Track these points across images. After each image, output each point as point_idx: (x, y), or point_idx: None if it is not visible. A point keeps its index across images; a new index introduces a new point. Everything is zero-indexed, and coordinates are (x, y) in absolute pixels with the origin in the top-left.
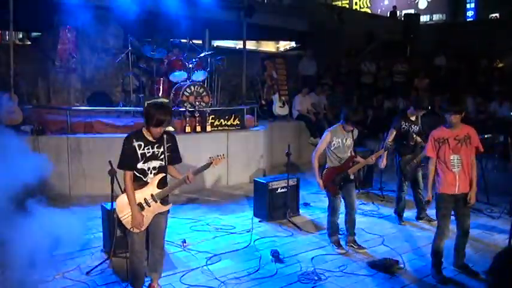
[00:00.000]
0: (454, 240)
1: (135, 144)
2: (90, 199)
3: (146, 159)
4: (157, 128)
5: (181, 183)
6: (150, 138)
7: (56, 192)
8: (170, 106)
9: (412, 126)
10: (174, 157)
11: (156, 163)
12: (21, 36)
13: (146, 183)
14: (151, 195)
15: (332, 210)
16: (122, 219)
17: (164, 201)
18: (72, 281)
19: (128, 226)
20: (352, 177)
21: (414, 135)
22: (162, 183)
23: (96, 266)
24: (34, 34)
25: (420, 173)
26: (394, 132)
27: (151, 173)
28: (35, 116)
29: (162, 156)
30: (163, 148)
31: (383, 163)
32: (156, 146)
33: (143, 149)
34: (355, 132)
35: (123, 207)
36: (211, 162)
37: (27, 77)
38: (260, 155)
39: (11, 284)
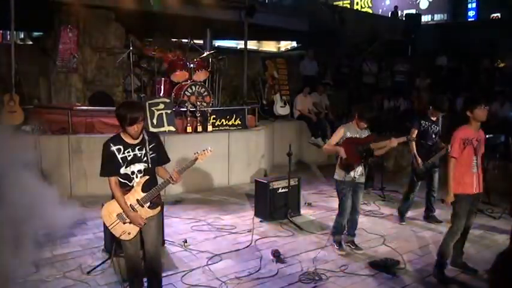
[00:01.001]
0: None
1: (114, 148)
2: (91, 199)
3: (128, 163)
4: (133, 127)
5: (166, 184)
6: (130, 141)
7: (57, 192)
8: (141, 103)
9: (432, 126)
10: (160, 157)
11: (140, 166)
12: (22, 36)
13: (132, 187)
14: (137, 200)
15: (342, 211)
16: (110, 228)
17: (153, 204)
18: (73, 280)
19: (117, 235)
20: (375, 153)
21: (434, 135)
22: (148, 187)
23: (97, 266)
24: (35, 34)
25: (437, 173)
26: (416, 131)
27: (136, 177)
28: (36, 115)
29: (146, 158)
30: (146, 150)
31: (418, 161)
32: (137, 148)
33: (123, 153)
34: (368, 132)
35: (109, 217)
36: (197, 158)
37: (29, 77)
38: (261, 154)
39: None
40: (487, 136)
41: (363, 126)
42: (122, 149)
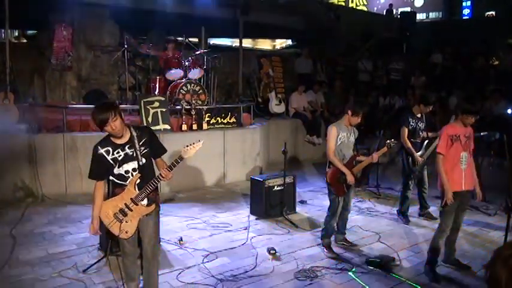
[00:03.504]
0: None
1: (102, 151)
2: (87, 198)
3: (120, 163)
4: (107, 127)
5: (158, 181)
6: (118, 141)
7: (52, 190)
8: (110, 102)
9: (419, 124)
10: (155, 150)
11: (133, 164)
12: (16, 34)
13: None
14: (131, 199)
15: (332, 212)
16: (108, 227)
17: (149, 201)
18: (68, 279)
19: (115, 233)
20: (356, 176)
21: (421, 133)
22: (142, 184)
23: (93, 264)
24: (30, 32)
25: (426, 171)
26: (406, 130)
27: (132, 175)
28: (31, 114)
29: (138, 155)
30: (137, 146)
31: (419, 160)
32: (127, 147)
33: (113, 154)
34: (356, 131)
35: (106, 217)
36: (185, 152)
37: (23, 75)
38: (257, 152)
39: None
40: (481, 134)
41: (355, 122)
42: (111, 150)
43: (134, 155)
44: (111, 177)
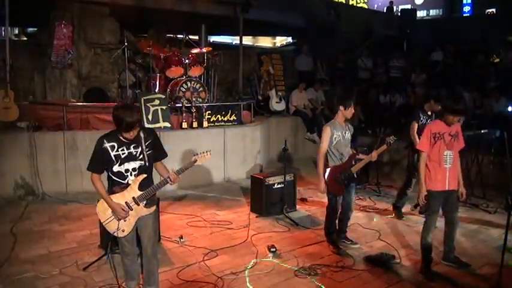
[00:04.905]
0: (443, 234)
1: (107, 145)
2: (87, 195)
3: (122, 161)
4: (129, 132)
5: (164, 183)
6: (125, 139)
7: (52, 188)
8: (137, 107)
9: (429, 121)
10: (157, 153)
11: (135, 164)
12: (17, 31)
13: (127, 185)
14: (133, 198)
15: (331, 210)
16: (104, 224)
17: (149, 203)
18: (69, 277)
19: (111, 231)
20: (355, 175)
21: None
22: (144, 185)
23: (93, 262)
24: (30, 30)
25: None
26: (416, 125)
27: (131, 174)
28: (31, 112)
29: (142, 156)
30: (142, 147)
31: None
32: (132, 146)
33: (117, 151)
34: (351, 127)
35: (103, 214)
36: (196, 160)
37: (23, 73)
38: (257, 150)
39: None
40: (482, 131)
41: (350, 114)
42: (116, 147)
43: (138, 155)
44: (110, 174)
